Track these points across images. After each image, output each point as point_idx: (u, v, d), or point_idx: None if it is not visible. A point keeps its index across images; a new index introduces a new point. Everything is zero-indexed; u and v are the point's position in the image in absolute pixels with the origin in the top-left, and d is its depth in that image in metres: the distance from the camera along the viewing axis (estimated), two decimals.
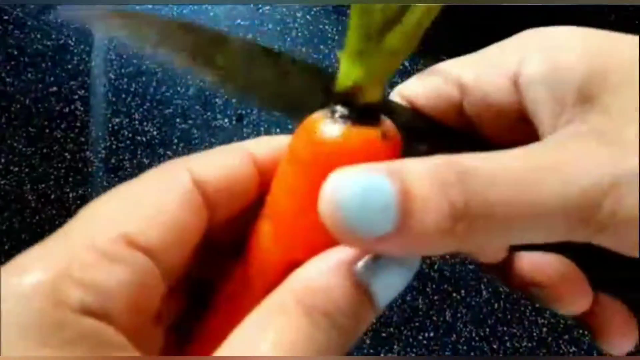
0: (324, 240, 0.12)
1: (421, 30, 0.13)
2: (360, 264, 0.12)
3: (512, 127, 0.16)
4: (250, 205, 0.14)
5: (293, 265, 0.13)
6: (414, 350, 0.37)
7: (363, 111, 0.13)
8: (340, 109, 0.13)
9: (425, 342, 0.37)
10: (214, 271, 0.15)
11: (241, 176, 0.14)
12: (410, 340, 0.37)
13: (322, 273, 0.12)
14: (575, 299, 0.17)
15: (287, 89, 0.16)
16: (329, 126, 0.13)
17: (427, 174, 0.12)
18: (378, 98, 0.14)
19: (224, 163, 0.14)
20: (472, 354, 0.37)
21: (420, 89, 0.17)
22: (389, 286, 0.13)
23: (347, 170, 0.12)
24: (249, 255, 0.14)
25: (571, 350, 0.37)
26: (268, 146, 0.15)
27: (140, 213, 0.13)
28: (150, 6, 0.42)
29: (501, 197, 0.12)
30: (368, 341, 0.37)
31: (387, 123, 0.14)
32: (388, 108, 0.17)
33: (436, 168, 0.12)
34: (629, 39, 0.15)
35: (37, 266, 0.12)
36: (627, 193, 0.12)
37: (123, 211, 0.13)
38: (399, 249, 0.12)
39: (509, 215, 0.12)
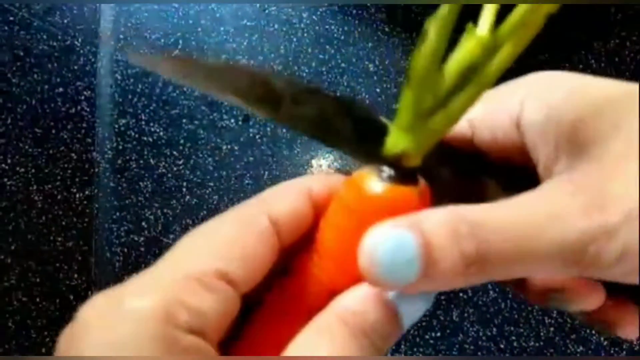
0: (361, 274, 0.15)
1: (463, 115, 0.16)
2: (390, 292, 0.15)
3: (517, 157, 0.18)
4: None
5: (333, 293, 0.16)
6: (421, 350, 0.37)
7: (406, 173, 0.16)
8: (387, 170, 0.16)
9: (432, 341, 0.37)
10: (263, 288, 0.17)
11: (305, 214, 0.17)
12: (418, 340, 0.37)
13: (360, 299, 0.15)
14: (591, 295, 0.19)
15: (324, 120, 0.19)
16: (376, 183, 0.16)
17: (443, 227, 0.15)
18: (419, 164, 0.16)
19: (293, 204, 0.17)
20: (479, 353, 0.37)
21: None
22: (413, 310, 0.16)
23: (379, 229, 0.15)
24: (298, 279, 0.17)
25: (578, 350, 0.37)
26: (324, 184, 0.18)
27: (229, 251, 0.16)
28: (164, 15, 0.42)
29: (505, 246, 0.15)
30: None
31: (423, 183, 0.16)
32: None
33: (450, 221, 0.15)
34: (623, 88, 0.17)
35: (149, 292, 0.14)
36: (607, 242, 0.15)
37: (215, 248, 0.16)
38: (423, 290, 0.15)
39: (511, 259, 0.15)
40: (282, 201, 0.17)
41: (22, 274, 0.38)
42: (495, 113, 0.19)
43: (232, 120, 0.40)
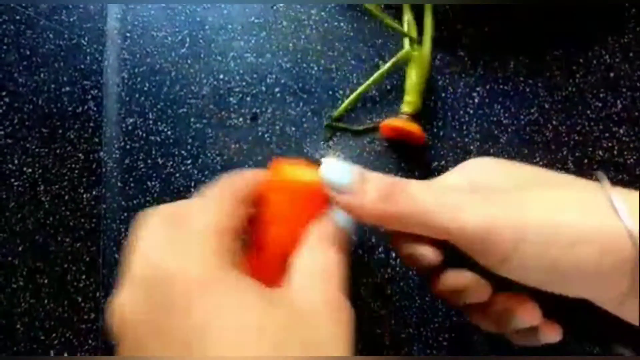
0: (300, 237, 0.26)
1: None
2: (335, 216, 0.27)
3: None
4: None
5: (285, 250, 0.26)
6: (434, 351, 0.36)
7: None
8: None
9: (445, 343, 0.36)
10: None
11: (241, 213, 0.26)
12: (430, 341, 0.36)
13: (319, 232, 0.27)
14: (480, 289, 0.28)
15: None
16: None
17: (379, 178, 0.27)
18: None
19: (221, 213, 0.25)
20: (492, 353, 0.37)
21: None
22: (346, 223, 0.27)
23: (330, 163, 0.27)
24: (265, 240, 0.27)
25: (595, 352, 0.37)
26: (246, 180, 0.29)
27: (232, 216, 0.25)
28: (171, 13, 0.42)
29: (407, 209, 0.26)
30: (387, 342, 0.36)
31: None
32: None
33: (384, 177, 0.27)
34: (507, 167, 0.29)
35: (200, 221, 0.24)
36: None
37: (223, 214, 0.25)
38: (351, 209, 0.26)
39: (406, 219, 0.26)
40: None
41: (29, 275, 0.37)
42: (444, 183, 0.29)
43: (241, 119, 0.40)
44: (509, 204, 0.25)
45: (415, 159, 0.39)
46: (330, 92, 0.40)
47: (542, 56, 0.40)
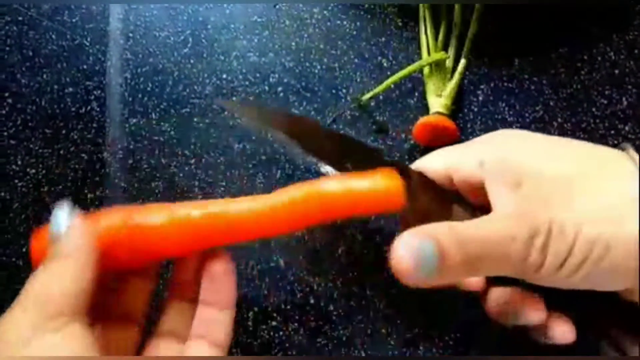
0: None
1: None
2: None
3: (481, 193, 0.28)
4: None
5: None
6: (441, 351, 0.36)
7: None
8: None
9: (451, 342, 0.36)
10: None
11: None
12: (437, 340, 0.36)
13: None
14: (535, 310, 0.28)
15: (341, 156, 0.30)
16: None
17: (449, 237, 0.24)
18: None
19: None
20: (498, 353, 0.36)
21: (428, 167, 0.31)
22: None
23: (404, 239, 0.24)
24: None
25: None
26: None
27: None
28: (173, 12, 0.42)
29: (479, 252, 0.24)
30: (393, 342, 0.36)
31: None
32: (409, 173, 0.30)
33: (453, 233, 0.24)
34: (552, 144, 0.28)
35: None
36: (539, 254, 0.24)
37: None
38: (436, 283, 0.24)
39: (483, 262, 0.24)
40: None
41: None
42: (467, 159, 0.28)
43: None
44: (550, 218, 0.24)
45: (416, 159, 0.38)
46: (334, 91, 0.40)
47: (547, 54, 0.40)
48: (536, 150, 0.27)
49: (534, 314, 0.28)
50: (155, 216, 0.26)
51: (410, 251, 0.23)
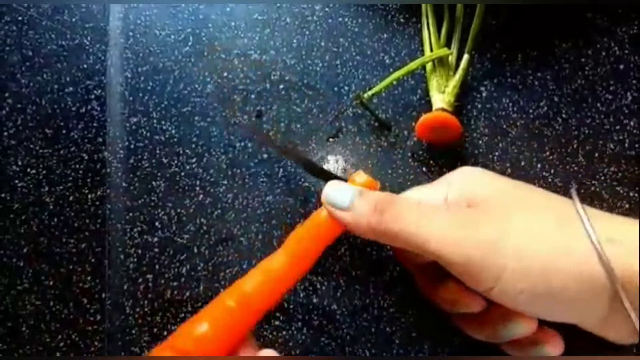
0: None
1: None
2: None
3: None
4: None
5: None
6: (445, 349, 0.36)
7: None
8: None
9: (456, 341, 0.36)
10: None
11: None
12: (441, 340, 0.36)
13: None
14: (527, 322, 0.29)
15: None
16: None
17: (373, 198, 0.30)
18: None
19: None
20: (502, 353, 0.36)
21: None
22: None
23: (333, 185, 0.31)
24: None
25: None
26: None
27: None
28: (173, 11, 0.42)
29: (401, 223, 0.28)
30: (397, 341, 0.35)
31: None
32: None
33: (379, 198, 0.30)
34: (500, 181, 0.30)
35: None
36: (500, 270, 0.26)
37: None
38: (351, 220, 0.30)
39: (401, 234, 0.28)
40: None
41: (35, 277, 0.37)
42: (434, 194, 0.31)
43: (245, 117, 0.39)
44: (489, 235, 0.26)
45: (419, 156, 0.38)
46: (336, 89, 0.39)
47: (551, 49, 0.39)
48: (496, 187, 0.30)
49: (526, 324, 0.29)
50: None
51: (336, 186, 0.31)
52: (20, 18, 0.42)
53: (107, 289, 0.37)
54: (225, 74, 0.40)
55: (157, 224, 0.38)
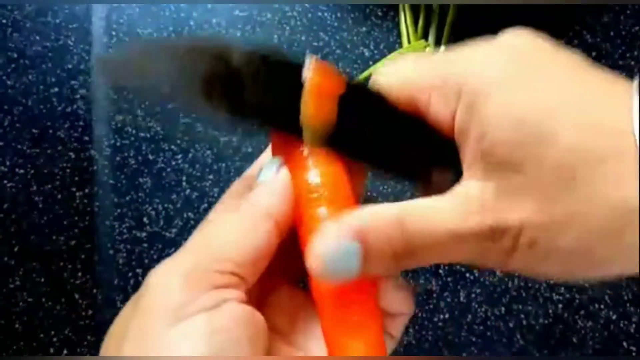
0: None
1: None
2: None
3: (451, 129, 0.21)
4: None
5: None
6: (430, 332, 0.37)
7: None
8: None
9: (440, 324, 0.37)
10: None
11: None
12: (426, 322, 0.37)
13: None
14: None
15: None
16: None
17: (382, 235, 0.19)
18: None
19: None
20: (489, 333, 0.37)
21: (397, 82, 0.22)
22: None
23: (325, 238, 0.19)
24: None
25: (588, 325, 0.37)
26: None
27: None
28: (155, 9, 0.42)
29: (424, 247, 0.19)
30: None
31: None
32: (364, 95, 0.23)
33: (388, 229, 0.19)
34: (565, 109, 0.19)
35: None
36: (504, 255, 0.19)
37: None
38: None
39: (429, 255, 0.19)
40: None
41: (26, 275, 0.38)
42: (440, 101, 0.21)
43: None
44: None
45: None
46: None
47: None
48: (546, 110, 0.18)
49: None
50: None
51: (328, 255, 0.19)
52: (4, 21, 0.42)
53: (97, 284, 0.38)
54: None
55: (145, 219, 0.38)
